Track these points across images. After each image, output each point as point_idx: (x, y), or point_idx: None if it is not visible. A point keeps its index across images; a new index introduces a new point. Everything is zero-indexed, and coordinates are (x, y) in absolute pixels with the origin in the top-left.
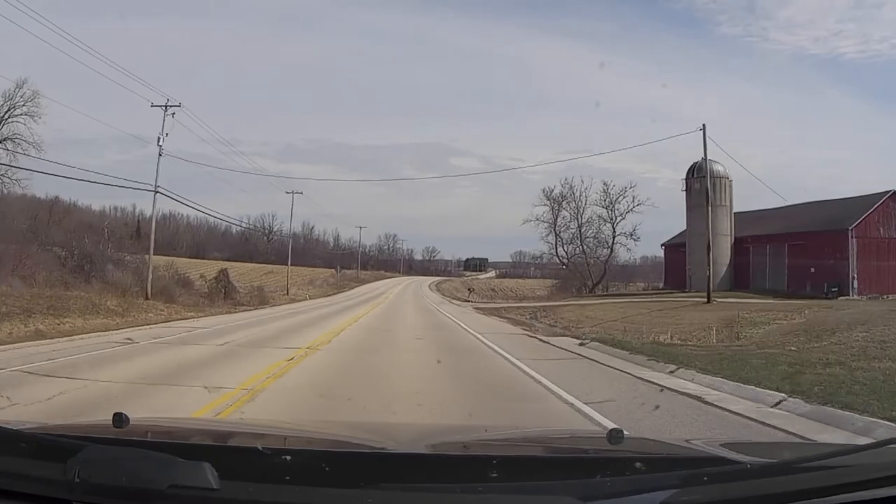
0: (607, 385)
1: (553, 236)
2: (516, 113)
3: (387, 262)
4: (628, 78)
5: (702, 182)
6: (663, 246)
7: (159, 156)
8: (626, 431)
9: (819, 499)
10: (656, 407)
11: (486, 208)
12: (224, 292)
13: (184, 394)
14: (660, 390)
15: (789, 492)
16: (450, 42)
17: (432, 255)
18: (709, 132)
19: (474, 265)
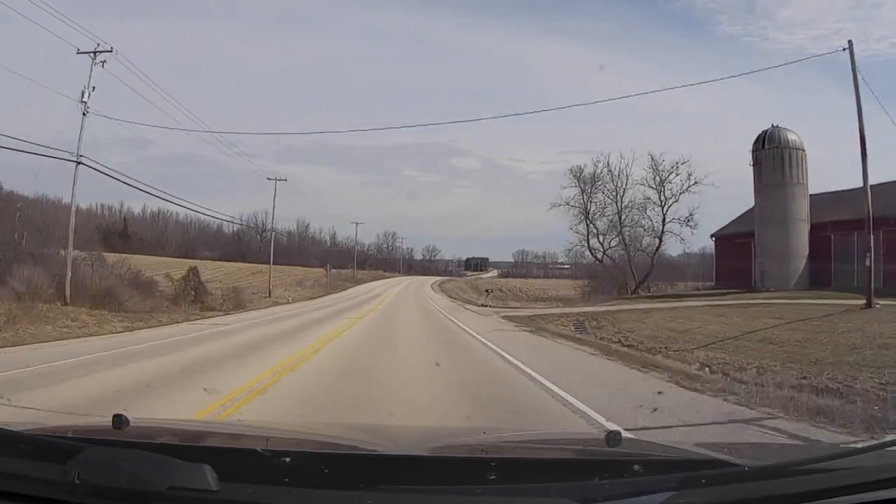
0: None
1: (584, 225)
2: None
3: (386, 261)
4: (628, 78)
5: (783, 151)
6: (714, 237)
7: (83, 115)
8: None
9: (817, 501)
10: None
11: (486, 208)
12: (193, 294)
13: None
14: None
15: (787, 494)
16: (450, 42)
17: (432, 255)
18: (709, 132)
19: (475, 265)
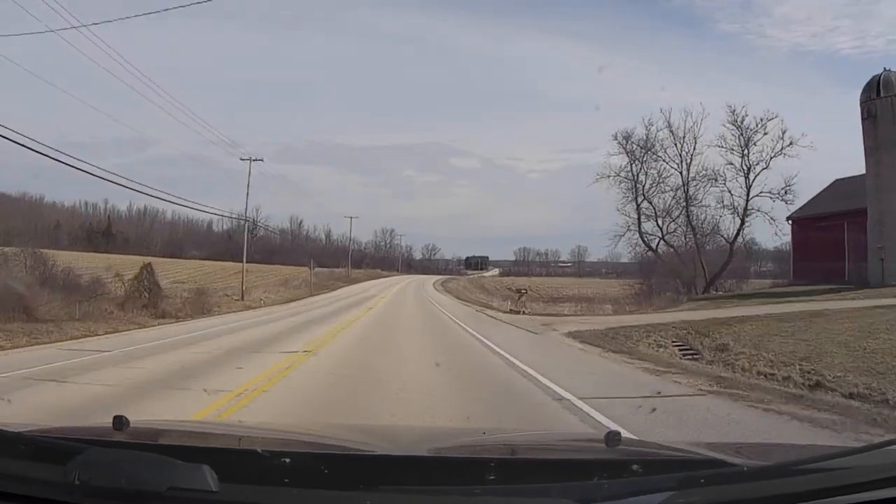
0: None
1: (634, 206)
2: (516, 114)
3: (384, 259)
4: (628, 78)
5: None
6: (790, 219)
7: None
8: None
9: (816, 501)
10: None
11: (486, 207)
12: (147, 297)
13: None
14: None
15: (786, 494)
16: (450, 42)
17: (432, 254)
18: (708, 131)
19: (475, 263)
